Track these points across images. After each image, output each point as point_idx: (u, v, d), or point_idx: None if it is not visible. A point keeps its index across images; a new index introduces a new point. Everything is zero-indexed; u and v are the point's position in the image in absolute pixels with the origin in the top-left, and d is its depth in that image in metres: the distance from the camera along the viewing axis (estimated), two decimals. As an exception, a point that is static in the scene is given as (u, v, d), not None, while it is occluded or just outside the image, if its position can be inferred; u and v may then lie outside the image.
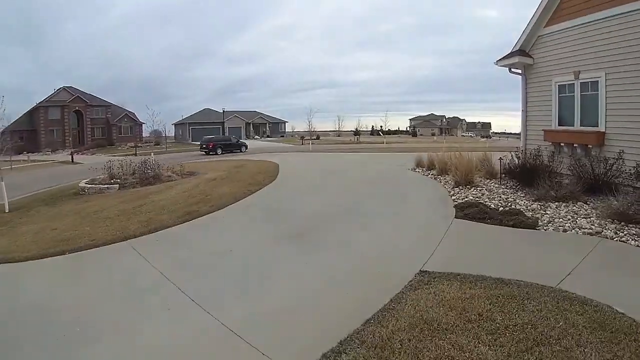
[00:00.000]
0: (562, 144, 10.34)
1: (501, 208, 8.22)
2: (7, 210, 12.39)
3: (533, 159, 9.99)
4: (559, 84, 10.51)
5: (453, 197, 9.55)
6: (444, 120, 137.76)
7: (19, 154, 55.24)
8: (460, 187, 10.41)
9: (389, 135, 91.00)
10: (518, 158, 10.61)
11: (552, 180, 8.96)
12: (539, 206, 8.20)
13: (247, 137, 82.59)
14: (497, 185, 10.47)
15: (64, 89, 61.32)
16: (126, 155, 42.58)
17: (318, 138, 75.17)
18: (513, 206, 8.31)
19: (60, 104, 60.40)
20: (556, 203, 8.25)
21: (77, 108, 62.33)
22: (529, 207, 8.18)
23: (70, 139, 61.39)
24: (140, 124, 71.64)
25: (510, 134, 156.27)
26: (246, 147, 44.43)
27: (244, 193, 11.34)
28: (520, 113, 12.27)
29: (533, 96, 11.67)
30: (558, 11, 10.41)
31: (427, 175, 13.65)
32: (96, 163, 37.02)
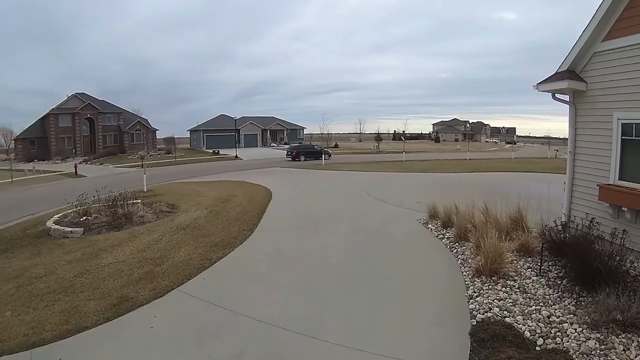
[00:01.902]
0: (624, 209, 7.45)
1: (540, 339, 5.37)
2: None
3: (584, 234, 7.24)
4: (622, 121, 7.77)
5: (471, 304, 6.55)
6: (468, 125, 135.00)
7: (30, 161, 55.18)
8: (484, 276, 7.38)
9: (411, 141, 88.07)
10: (563, 225, 7.99)
11: (617, 280, 6.01)
12: (597, 342, 5.13)
13: (264, 144, 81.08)
14: (535, 278, 7.29)
15: (75, 95, 61.04)
16: (133, 166, 41.38)
17: (336, 146, 72.62)
18: (558, 338, 5.36)
19: (71, 112, 60.13)
20: (625, 337, 5.15)
21: (88, 115, 61.74)
22: (581, 345, 5.14)
23: (81, 146, 60.75)
24: (153, 131, 70.91)
25: (535, 137, 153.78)
26: (329, 155, 46.45)
27: (199, 264, 9.16)
28: (542, 120, 9.79)
29: (584, 134, 8.95)
30: (625, 18, 7.62)
31: (441, 236, 10.62)
32: (99, 177, 36.72)
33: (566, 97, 9.30)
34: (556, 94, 9.32)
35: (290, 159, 44.87)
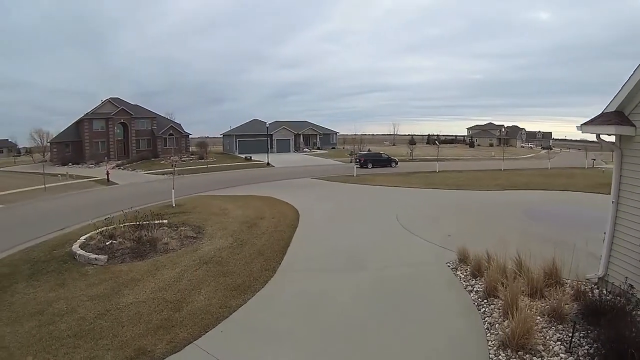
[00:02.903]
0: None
1: None
2: None
3: (622, 302, 6.69)
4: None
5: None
6: (503, 129, 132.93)
7: (64, 164, 57.13)
8: (510, 349, 6.78)
9: (445, 145, 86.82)
10: (599, 280, 7.53)
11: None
12: None
13: (296, 149, 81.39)
14: (564, 355, 6.57)
15: (109, 101, 62.98)
16: (164, 172, 42.17)
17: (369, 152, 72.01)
18: None
19: (104, 117, 62.00)
20: None
21: (121, 120, 63.40)
22: None
23: (114, 151, 62.47)
24: (186, 135, 72.12)
25: (571, 141, 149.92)
26: (396, 163, 48.70)
27: (218, 313, 9.04)
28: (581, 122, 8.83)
29: (631, 183, 8.22)
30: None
31: (469, 288, 9.92)
32: (130, 185, 37.60)
33: (612, 139, 8.80)
34: (601, 135, 8.84)
35: (358, 165, 45.85)
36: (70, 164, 59.20)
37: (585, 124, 8.91)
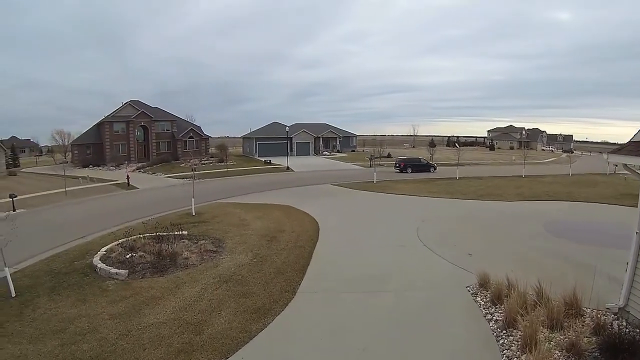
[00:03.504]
0: None
1: None
2: (13, 295, 11.97)
3: None
4: None
5: None
6: (524, 132, 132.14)
7: (85, 166, 58.30)
8: None
9: (465, 148, 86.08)
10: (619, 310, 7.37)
11: None
12: None
13: (316, 152, 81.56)
14: None
15: (129, 104, 64.05)
16: (184, 176, 42.64)
17: (389, 156, 71.86)
18: None
19: (125, 120, 62.99)
20: None
21: (142, 123, 64.30)
22: None
23: (135, 153, 63.44)
24: (206, 138, 72.84)
25: (593, 143, 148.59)
26: (435, 168, 49.46)
27: (238, 337, 9.07)
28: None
29: None
30: None
31: (489, 316, 9.71)
32: (150, 190, 38.14)
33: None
34: (628, 164, 8.66)
35: (397, 170, 48.88)
36: (91, 165, 60.44)
37: (612, 152, 8.90)
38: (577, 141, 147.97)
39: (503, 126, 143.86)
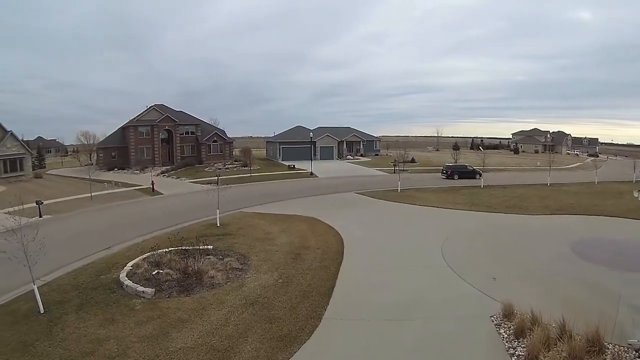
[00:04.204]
0: None
1: None
2: (42, 311, 12.36)
3: None
4: None
5: None
6: (548, 136, 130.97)
7: (110, 169, 59.57)
8: None
9: (489, 151, 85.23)
10: None
11: None
12: None
13: (339, 156, 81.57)
14: None
15: (154, 108, 65.18)
16: (208, 182, 43.05)
17: (413, 161, 71.43)
18: None
19: (149, 124, 64.03)
20: None
21: (166, 127, 65.28)
22: None
23: (159, 157, 64.47)
24: (230, 142, 73.55)
25: (618, 145, 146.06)
26: (480, 175, 49.18)
27: None
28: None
29: None
30: None
31: (512, 350, 9.63)
32: (175, 196, 38.68)
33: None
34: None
35: (444, 177, 50.46)
36: (116, 169, 61.70)
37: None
38: (602, 143, 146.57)
39: (528, 129, 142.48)
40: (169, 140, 67.94)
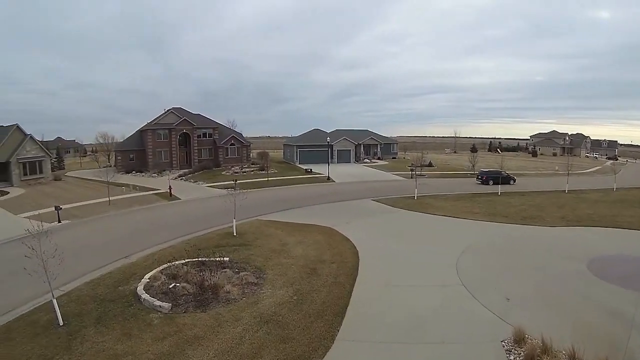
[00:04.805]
0: None
1: None
2: (61, 324, 12.74)
3: None
4: None
5: None
6: (567, 138, 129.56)
7: (128, 172, 60.56)
8: None
9: (507, 153, 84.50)
10: None
11: None
12: None
13: (357, 159, 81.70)
14: None
15: (171, 111, 66.11)
16: (226, 186, 43.46)
17: (430, 165, 71.25)
18: None
19: (167, 127, 65.01)
20: None
21: (184, 130, 66.11)
22: None
23: (177, 160, 65.33)
24: (247, 145, 74.06)
25: (638, 146, 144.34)
26: (514, 181, 52.79)
27: None
28: None
29: None
30: None
31: None
32: (192, 201, 39.19)
33: None
34: None
35: (479, 182, 52.42)
36: (134, 172, 62.60)
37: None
38: (621, 144, 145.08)
39: (546, 132, 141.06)
40: (186, 143, 68.78)
